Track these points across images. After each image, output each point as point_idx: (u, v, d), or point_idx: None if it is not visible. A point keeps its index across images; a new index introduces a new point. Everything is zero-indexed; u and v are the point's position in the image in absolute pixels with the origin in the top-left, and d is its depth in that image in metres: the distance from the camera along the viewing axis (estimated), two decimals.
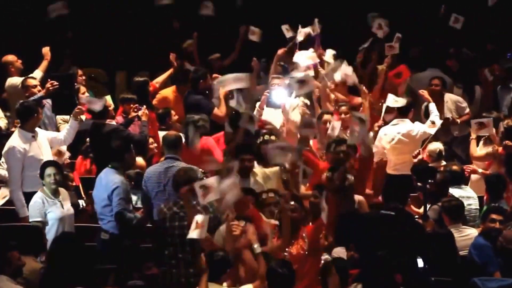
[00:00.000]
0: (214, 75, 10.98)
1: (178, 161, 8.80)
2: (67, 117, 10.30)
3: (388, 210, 7.70)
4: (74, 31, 12.78)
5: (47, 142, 9.45)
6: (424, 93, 10.58)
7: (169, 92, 11.38)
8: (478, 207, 9.04)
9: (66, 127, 9.80)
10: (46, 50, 11.20)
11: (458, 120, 10.99)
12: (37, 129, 9.44)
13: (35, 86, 10.59)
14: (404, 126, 10.02)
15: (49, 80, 10.11)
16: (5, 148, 9.31)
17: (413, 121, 10.18)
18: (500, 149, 9.71)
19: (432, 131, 10.05)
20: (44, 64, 11.11)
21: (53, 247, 7.53)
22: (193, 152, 9.29)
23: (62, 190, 8.88)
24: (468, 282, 7.43)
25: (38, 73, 10.95)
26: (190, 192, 7.73)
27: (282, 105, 10.11)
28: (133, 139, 9.60)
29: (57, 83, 9.98)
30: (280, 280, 6.70)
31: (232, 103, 10.59)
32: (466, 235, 8.25)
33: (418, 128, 10.06)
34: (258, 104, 10.29)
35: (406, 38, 11.29)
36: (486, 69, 11.70)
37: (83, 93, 10.78)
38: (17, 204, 9.11)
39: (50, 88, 10.02)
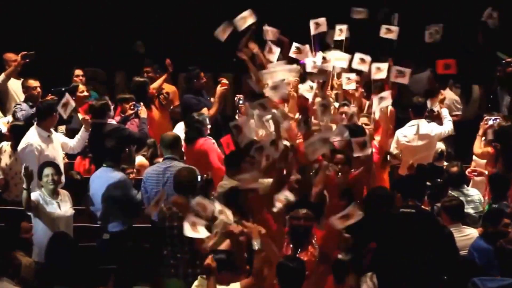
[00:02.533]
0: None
1: (176, 161, 8.84)
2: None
3: (407, 208, 7.71)
4: (75, 31, 12.83)
5: (59, 145, 9.48)
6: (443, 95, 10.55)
7: None
8: (479, 210, 9.00)
9: (77, 136, 9.83)
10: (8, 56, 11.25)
11: None
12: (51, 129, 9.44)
13: (35, 87, 10.65)
14: (421, 127, 10.03)
15: (49, 94, 10.28)
16: (22, 145, 9.26)
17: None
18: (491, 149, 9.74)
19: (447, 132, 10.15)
20: (9, 69, 11.09)
21: (47, 247, 7.58)
22: (190, 153, 9.30)
23: (62, 191, 8.83)
24: (467, 282, 7.42)
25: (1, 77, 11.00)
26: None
27: None
28: (134, 138, 9.65)
29: (57, 98, 10.09)
30: (291, 275, 6.66)
31: None
32: (466, 235, 8.22)
33: (435, 129, 10.10)
34: None
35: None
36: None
37: (81, 92, 10.75)
38: None
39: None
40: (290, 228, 7.34)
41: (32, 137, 9.24)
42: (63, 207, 8.70)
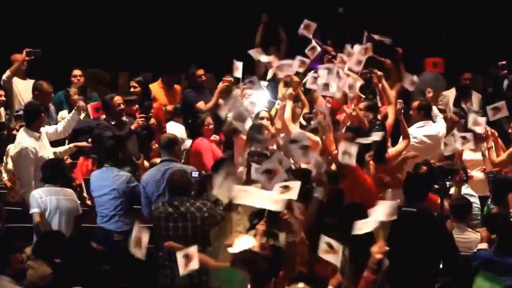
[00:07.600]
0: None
1: (174, 162, 8.79)
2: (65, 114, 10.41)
3: (409, 207, 7.70)
4: (78, 32, 12.89)
5: (48, 142, 9.43)
6: (430, 93, 10.53)
7: (155, 86, 11.69)
8: (479, 207, 9.05)
9: (67, 117, 9.79)
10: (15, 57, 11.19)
11: None
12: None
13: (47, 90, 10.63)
14: (429, 128, 10.06)
15: None
16: (16, 149, 9.17)
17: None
18: None
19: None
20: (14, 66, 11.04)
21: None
22: (189, 152, 9.43)
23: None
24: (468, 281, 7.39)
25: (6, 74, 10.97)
26: None
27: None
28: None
29: None
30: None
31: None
32: (467, 237, 8.27)
33: (442, 129, 10.10)
34: None
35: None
36: None
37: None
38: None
39: None
40: None
41: (25, 140, 9.15)
42: None
